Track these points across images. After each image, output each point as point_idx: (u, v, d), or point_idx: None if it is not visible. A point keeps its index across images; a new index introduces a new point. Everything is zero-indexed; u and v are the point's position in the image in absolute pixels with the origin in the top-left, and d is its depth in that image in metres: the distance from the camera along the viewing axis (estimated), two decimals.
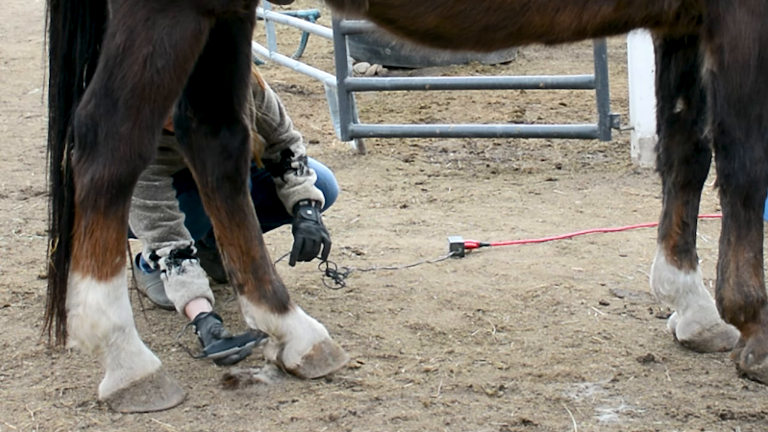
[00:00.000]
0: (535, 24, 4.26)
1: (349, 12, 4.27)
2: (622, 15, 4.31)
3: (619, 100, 9.89)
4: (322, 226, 5.37)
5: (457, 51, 4.74)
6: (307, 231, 5.30)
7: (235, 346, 4.67)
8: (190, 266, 4.94)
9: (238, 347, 4.67)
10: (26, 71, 12.01)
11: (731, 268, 4.46)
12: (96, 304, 4.21)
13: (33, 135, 9.28)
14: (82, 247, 4.21)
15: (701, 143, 4.75)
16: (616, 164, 8.41)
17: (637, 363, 4.72)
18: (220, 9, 4.15)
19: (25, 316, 5.30)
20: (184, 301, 4.89)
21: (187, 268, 4.93)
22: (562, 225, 6.84)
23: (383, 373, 4.65)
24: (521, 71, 12.01)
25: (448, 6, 4.19)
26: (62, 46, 4.31)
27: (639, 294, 5.55)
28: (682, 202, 4.83)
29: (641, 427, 4.14)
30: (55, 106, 4.37)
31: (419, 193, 7.70)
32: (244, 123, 4.59)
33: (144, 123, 4.15)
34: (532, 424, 4.16)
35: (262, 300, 4.60)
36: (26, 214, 7.04)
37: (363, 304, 5.46)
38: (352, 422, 4.20)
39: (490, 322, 5.21)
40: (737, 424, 4.15)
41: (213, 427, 4.20)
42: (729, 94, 4.32)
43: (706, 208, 6.49)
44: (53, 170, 4.37)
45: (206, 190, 4.59)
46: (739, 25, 4.26)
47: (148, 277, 5.37)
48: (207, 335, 4.72)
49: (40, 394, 4.46)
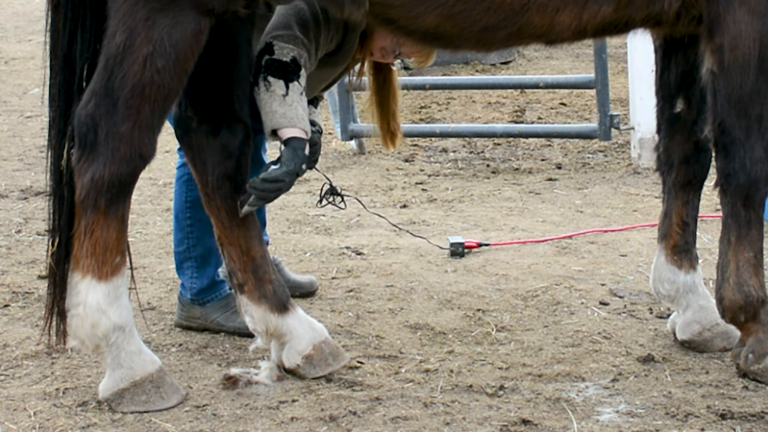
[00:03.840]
0: (535, 24, 4.26)
1: (349, 12, 4.26)
2: (623, 15, 4.31)
3: (619, 100, 9.90)
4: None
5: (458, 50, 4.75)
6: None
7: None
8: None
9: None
10: (26, 71, 12.01)
11: (731, 268, 4.47)
12: (96, 303, 4.21)
13: (33, 135, 9.29)
14: (83, 246, 4.21)
15: (701, 143, 4.75)
16: (616, 164, 8.42)
17: (637, 363, 4.72)
18: (220, 9, 4.15)
19: (25, 316, 5.30)
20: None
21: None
22: (562, 225, 6.85)
23: (383, 373, 4.65)
24: (521, 71, 12.01)
25: (449, 6, 4.19)
26: (62, 45, 4.31)
27: (639, 294, 5.55)
28: (682, 202, 4.83)
29: (641, 427, 4.14)
30: (56, 105, 4.36)
31: (419, 193, 7.70)
32: (245, 122, 4.59)
33: (144, 123, 4.15)
34: (532, 424, 4.16)
35: (262, 300, 4.60)
36: (26, 214, 7.04)
37: (363, 304, 5.46)
38: (352, 422, 4.20)
39: (490, 322, 5.21)
40: (737, 424, 4.15)
41: (213, 427, 4.19)
42: (729, 94, 4.32)
43: (706, 208, 6.49)
44: (53, 170, 4.36)
45: (206, 190, 4.59)
46: (739, 24, 4.26)
47: (212, 308, 5.10)
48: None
49: (40, 394, 4.45)
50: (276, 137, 4.53)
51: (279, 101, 4.47)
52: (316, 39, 4.61)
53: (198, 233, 5.04)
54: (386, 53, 4.83)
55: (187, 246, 5.10)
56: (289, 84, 4.48)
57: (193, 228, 5.06)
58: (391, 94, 5.02)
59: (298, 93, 4.50)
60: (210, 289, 5.11)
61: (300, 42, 4.54)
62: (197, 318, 5.11)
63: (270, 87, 4.47)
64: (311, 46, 4.59)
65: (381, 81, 5.00)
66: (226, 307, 5.08)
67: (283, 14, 4.59)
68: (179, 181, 5.09)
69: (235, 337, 5.04)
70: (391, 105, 5.02)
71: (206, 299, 5.10)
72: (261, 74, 4.50)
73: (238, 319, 4.89)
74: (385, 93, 5.01)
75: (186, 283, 5.13)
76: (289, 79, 4.48)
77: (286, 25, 4.55)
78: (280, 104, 4.47)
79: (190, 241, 5.08)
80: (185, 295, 5.13)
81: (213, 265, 5.06)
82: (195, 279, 5.11)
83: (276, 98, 4.47)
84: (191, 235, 5.08)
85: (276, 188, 4.45)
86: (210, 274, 5.10)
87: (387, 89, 5.01)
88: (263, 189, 4.44)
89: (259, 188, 4.44)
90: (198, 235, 5.05)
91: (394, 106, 5.03)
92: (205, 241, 4.97)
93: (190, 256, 5.10)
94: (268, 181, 4.42)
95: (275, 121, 4.47)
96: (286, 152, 4.46)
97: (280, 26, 4.57)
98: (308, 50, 4.58)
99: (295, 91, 4.49)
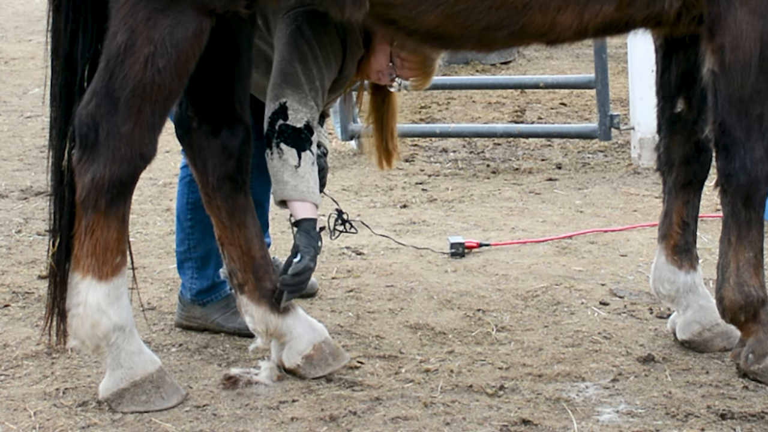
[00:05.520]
0: (537, 23, 4.26)
1: (349, 13, 4.26)
2: (624, 15, 4.31)
3: (619, 100, 9.90)
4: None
5: (459, 51, 4.74)
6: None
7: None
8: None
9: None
10: (26, 71, 12.01)
11: (731, 268, 4.47)
12: (96, 303, 4.21)
13: (33, 135, 9.29)
14: (83, 246, 4.21)
15: (702, 143, 4.75)
16: (616, 164, 8.42)
17: (637, 363, 4.72)
18: (221, 9, 4.15)
19: (25, 316, 5.30)
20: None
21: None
22: (562, 225, 6.85)
23: (383, 373, 4.65)
24: (521, 71, 12.01)
25: (450, 5, 4.19)
26: (64, 46, 4.31)
27: (639, 294, 5.55)
28: (682, 202, 4.83)
29: (641, 427, 4.14)
30: (56, 105, 4.36)
31: (419, 193, 7.70)
32: (245, 122, 4.59)
33: (145, 123, 4.15)
34: (532, 424, 4.16)
35: (262, 300, 4.60)
36: (26, 214, 7.04)
37: (363, 304, 5.46)
38: (352, 422, 4.20)
39: (490, 322, 5.21)
40: (737, 424, 4.15)
41: (213, 427, 4.19)
42: (730, 94, 4.32)
43: (707, 208, 6.50)
44: (54, 170, 4.36)
45: (207, 190, 4.59)
46: (740, 24, 4.26)
47: (212, 308, 5.11)
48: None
49: (40, 394, 4.45)
50: (285, 207, 4.61)
51: (291, 172, 4.53)
52: (322, 85, 4.65)
53: (199, 234, 5.04)
54: (383, 76, 4.84)
55: (187, 246, 5.10)
56: (301, 153, 4.55)
57: (194, 229, 5.06)
58: (390, 112, 5.01)
59: (310, 163, 4.57)
60: (210, 290, 5.11)
61: (311, 102, 4.58)
62: (197, 318, 5.11)
63: (282, 155, 4.54)
64: (319, 97, 4.64)
65: (380, 100, 4.99)
66: (227, 308, 5.08)
67: (288, 59, 4.58)
68: (182, 182, 5.09)
69: (235, 337, 5.04)
70: (390, 123, 5.01)
71: (206, 300, 5.10)
72: (274, 140, 4.55)
73: (239, 319, 4.89)
74: (384, 111, 5.00)
75: (186, 283, 5.13)
76: (302, 148, 4.55)
77: (296, 83, 4.57)
78: (291, 175, 4.53)
79: (191, 242, 5.08)
80: (185, 295, 5.13)
81: (213, 267, 5.06)
82: (195, 279, 5.11)
83: (288, 168, 4.53)
84: (192, 237, 5.08)
85: (306, 277, 4.56)
86: (210, 275, 5.10)
87: (386, 108, 5.00)
88: (296, 283, 4.54)
89: (291, 283, 4.54)
90: (199, 237, 5.05)
91: (393, 125, 5.02)
92: (206, 242, 4.97)
93: (190, 257, 5.10)
94: (298, 274, 4.52)
95: (286, 193, 4.55)
96: (301, 239, 4.55)
97: (289, 81, 4.57)
98: (318, 104, 4.63)
99: (307, 161, 4.55)
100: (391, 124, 5.00)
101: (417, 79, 4.89)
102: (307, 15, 4.58)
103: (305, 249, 4.52)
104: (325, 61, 4.61)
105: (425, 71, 4.86)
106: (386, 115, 4.98)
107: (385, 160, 5.04)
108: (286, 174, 4.54)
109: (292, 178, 4.53)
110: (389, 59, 4.78)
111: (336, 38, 4.65)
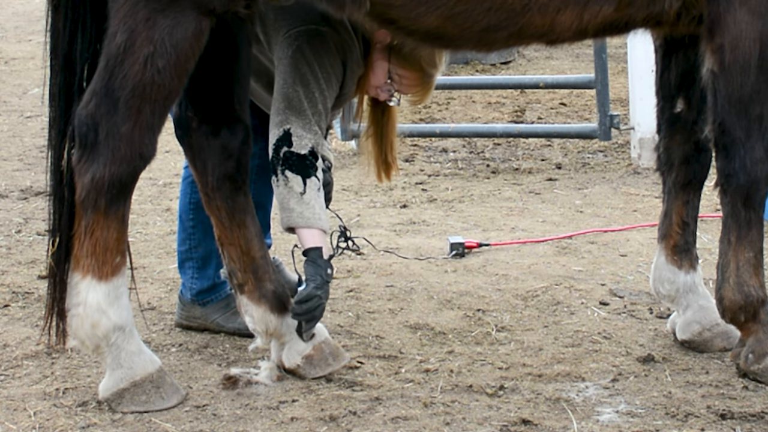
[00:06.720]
0: (537, 24, 4.26)
1: (349, 12, 4.26)
2: (623, 15, 4.31)
3: (619, 100, 9.90)
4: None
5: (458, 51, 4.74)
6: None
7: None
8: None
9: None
10: (26, 71, 12.01)
11: (731, 268, 4.47)
12: (96, 303, 4.21)
13: (33, 135, 9.28)
14: (83, 246, 4.21)
15: (702, 143, 4.75)
16: (616, 164, 8.42)
17: (637, 363, 4.72)
18: (220, 9, 4.15)
19: (25, 316, 5.30)
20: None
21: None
22: (562, 225, 6.85)
23: (383, 373, 4.65)
24: (521, 71, 12.01)
25: (450, 6, 4.19)
26: (63, 46, 4.31)
27: (639, 294, 5.55)
28: (682, 202, 4.83)
29: (641, 427, 4.14)
30: (56, 105, 4.36)
31: (419, 193, 7.70)
32: (245, 122, 4.59)
33: (145, 123, 4.15)
34: (532, 424, 4.16)
35: (262, 300, 4.60)
36: (26, 214, 7.04)
37: (363, 304, 5.46)
38: (352, 422, 4.20)
39: (490, 322, 5.21)
40: (737, 424, 4.15)
41: (213, 427, 4.19)
42: (730, 94, 4.32)
43: (706, 208, 6.50)
44: (54, 170, 4.36)
45: (206, 190, 4.59)
46: (739, 25, 4.26)
47: (212, 308, 5.12)
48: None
49: (40, 394, 4.45)
50: (293, 232, 4.61)
51: (296, 199, 4.54)
52: (324, 108, 4.64)
53: (200, 235, 5.04)
54: (381, 91, 4.83)
55: (188, 246, 5.10)
56: (306, 180, 4.55)
57: (196, 230, 5.06)
58: (389, 125, 4.99)
59: (316, 189, 4.57)
60: (210, 290, 5.11)
61: (314, 127, 4.58)
62: (197, 318, 5.11)
63: (288, 182, 4.54)
64: (323, 121, 4.65)
65: (379, 113, 4.98)
66: (227, 308, 5.08)
67: (290, 83, 4.57)
68: (185, 182, 5.09)
69: (235, 337, 5.04)
70: (389, 136, 4.99)
71: (206, 300, 5.10)
72: (279, 167, 4.55)
73: (238, 319, 4.89)
74: (384, 124, 4.98)
75: (187, 283, 5.13)
76: (307, 174, 4.55)
77: (299, 108, 4.57)
78: (297, 202, 4.54)
79: (192, 242, 5.09)
80: (186, 295, 5.13)
81: (214, 267, 5.06)
82: (196, 279, 5.11)
83: (294, 196, 4.54)
84: (193, 237, 5.08)
85: (316, 304, 4.53)
86: (211, 276, 5.10)
87: (386, 121, 4.98)
88: (305, 311, 4.52)
89: (301, 311, 4.52)
90: (200, 237, 5.05)
91: (392, 138, 5.02)
92: (207, 243, 4.96)
93: (191, 256, 5.11)
94: (304, 302, 4.51)
95: (292, 220, 4.55)
96: (308, 269, 4.56)
97: (292, 106, 4.57)
98: (321, 128, 4.63)
99: (312, 187, 4.56)
100: (390, 136, 5.00)
101: (415, 94, 4.89)
102: (307, 35, 4.58)
103: (311, 278, 4.53)
104: (326, 83, 4.62)
105: (423, 86, 4.86)
106: (386, 128, 4.97)
107: (384, 172, 5.03)
108: (291, 201, 4.55)
109: (298, 206, 4.54)
110: (387, 75, 4.78)
111: (336, 58, 4.66)
